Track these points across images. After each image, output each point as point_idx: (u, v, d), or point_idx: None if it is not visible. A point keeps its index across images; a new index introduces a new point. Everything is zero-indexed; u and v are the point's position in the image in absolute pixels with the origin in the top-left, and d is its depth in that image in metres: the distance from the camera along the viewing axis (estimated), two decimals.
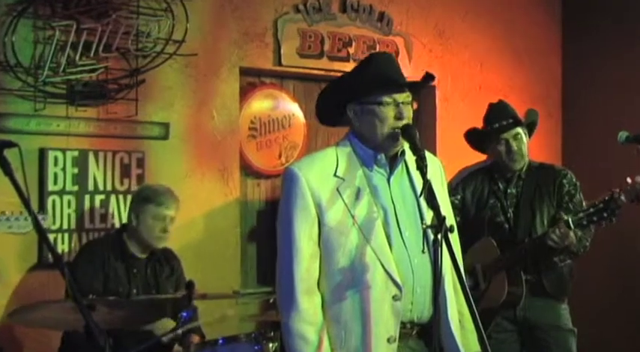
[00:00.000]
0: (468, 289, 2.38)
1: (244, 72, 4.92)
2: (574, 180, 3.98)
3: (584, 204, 3.85)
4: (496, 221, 3.95)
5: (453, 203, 3.60)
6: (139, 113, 4.42)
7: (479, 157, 4.37)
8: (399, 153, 2.65)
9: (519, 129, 3.93)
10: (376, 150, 2.64)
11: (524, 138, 3.94)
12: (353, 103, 2.64)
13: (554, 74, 6.29)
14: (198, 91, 4.68)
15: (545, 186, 3.95)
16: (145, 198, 3.93)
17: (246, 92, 4.98)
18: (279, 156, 5.12)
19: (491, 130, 3.94)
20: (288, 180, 2.62)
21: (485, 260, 3.88)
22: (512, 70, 6.00)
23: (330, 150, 2.69)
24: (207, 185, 4.69)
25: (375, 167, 2.65)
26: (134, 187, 4.35)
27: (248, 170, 5.02)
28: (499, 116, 3.95)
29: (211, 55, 4.73)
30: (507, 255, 3.84)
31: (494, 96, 4.53)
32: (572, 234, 3.65)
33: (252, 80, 5.07)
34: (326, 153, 2.70)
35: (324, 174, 2.61)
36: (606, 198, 3.60)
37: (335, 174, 2.61)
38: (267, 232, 5.04)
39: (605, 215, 3.61)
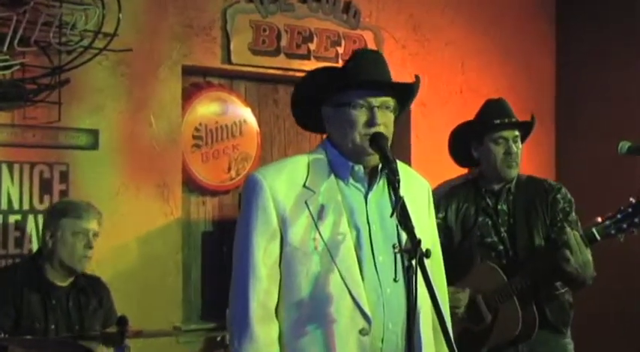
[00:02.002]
0: (448, 329, 2.33)
1: (187, 71, 4.90)
2: (569, 196, 4.02)
3: (579, 223, 3.89)
4: (487, 242, 3.94)
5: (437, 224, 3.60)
6: (63, 118, 4.38)
7: (458, 171, 4.37)
8: (380, 168, 2.64)
9: (518, 133, 3.96)
10: (350, 160, 2.63)
11: (520, 145, 3.98)
12: (326, 104, 2.65)
13: (547, 77, 6.35)
14: (133, 93, 4.66)
15: (539, 201, 3.98)
16: (61, 212, 3.85)
17: (189, 95, 4.97)
18: (228, 169, 5.10)
19: (492, 126, 3.93)
20: (249, 188, 2.60)
21: (485, 288, 3.87)
22: (498, 72, 6.05)
23: (301, 158, 2.68)
24: (143, 203, 4.66)
25: (351, 180, 2.64)
26: None
27: (192, 185, 5.00)
28: (500, 113, 3.96)
29: (148, 50, 4.71)
30: (516, 279, 3.83)
31: (478, 101, 4.53)
32: (590, 258, 3.71)
33: (196, 80, 5.06)
34: (296, 161, 2.68)
35: (293, 183, 2.59)
36: (634, 201, 3.67)
37: (305, 185, 2.59)
38: (213, 258, 5.02)
39: (636, 220, 3.68)
